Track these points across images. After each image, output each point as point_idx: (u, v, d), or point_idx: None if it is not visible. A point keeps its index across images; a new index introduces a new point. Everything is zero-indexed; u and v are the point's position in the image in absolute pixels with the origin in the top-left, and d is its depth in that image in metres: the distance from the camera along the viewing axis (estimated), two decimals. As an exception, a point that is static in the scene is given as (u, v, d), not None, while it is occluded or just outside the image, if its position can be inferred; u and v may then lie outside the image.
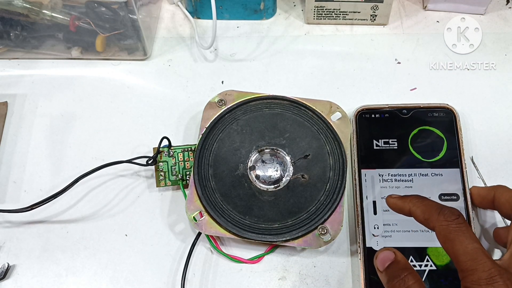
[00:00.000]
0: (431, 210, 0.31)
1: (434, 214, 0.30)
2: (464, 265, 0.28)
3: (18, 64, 0.50)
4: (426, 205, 0.32)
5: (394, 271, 0.31)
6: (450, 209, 0.30)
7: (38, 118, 0.47)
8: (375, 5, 0.48)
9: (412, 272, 0.30)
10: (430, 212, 0.31)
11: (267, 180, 0.40)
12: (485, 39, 0.49)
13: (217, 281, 0.39)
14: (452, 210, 0.30)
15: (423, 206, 0.32)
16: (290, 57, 0.49)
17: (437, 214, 0.30)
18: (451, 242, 0.29)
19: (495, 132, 0.44)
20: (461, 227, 0.29)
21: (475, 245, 0.28)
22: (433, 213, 0.30)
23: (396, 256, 0.31)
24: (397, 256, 0.31)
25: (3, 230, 0.41)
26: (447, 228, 0.29)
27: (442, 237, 0.30)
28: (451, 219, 0.30)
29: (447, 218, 0.30)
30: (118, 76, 0.49)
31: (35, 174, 0.44)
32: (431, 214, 0.31)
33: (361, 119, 0.43)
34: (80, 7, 0.45)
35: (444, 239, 0.29)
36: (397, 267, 0.31)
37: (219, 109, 0.43)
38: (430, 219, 0.31)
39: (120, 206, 0.42)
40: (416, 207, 0.32)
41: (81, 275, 0.39)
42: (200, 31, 0.51)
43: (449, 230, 0.29)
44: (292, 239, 0.38)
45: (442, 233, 0.30)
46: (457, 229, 0.29)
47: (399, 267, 0.31)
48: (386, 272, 0.31)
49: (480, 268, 0.27)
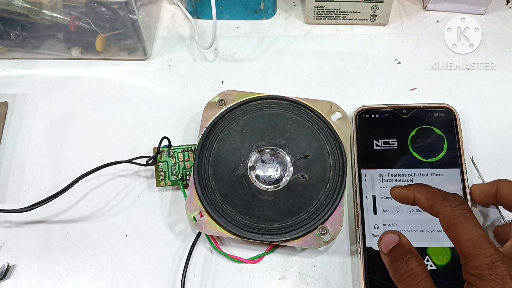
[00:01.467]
0: (435, 196, 0.31)
1: (438, 200, 0.30)
2: (466, 250, 0.28)
3: (18, 64, 0.50)
4: (430, 192, 0.32)
5: (398, 254, 0.31)
6: (454, 196, 0.30)
7: (38, 118, 0.47)
8: (375, 5, 0.48)
9: (415, 256, 0.30)
10: (434, 198, 0.31)
11: (267, 180, 0.40)
12: (485, 39, 0.49)
13: (217, 281, 0.39)
14: (456, 196, 0.30)
15: (427, 193, 0.32)
16: (290, 57, 0.49)
17: (441, 200, 0.30)
18: (454, 228, 0.29)
19: (495, 132, 0.44)
20: (465, 213, 0.29)
21: (478, 231, 0.28)
22: (437, 199, 0.31)
23: (400, 239, 0.31)
24: (401, 239, 0.31)
25: (3, 230, 0.41)
26: (450, 214, 0.29)
27: (446, 223, 0.30)
28: (455, 205, 0.30)
29: (451, 204, 0.30)
30: (118, 76, 0.49)
31: (35, 174, 0.44)
32: (435, 200, 0.31)
33: (361, 119, 0.43)
34: (80, 7, 0.45)
35: (448, 225, 0.30)
36: (401, 250, 0.31)
37: (219, 109, 0.43)
38: (434, 205, 0.31)
39: (120, 206, 0.42)
40: (420, 194, 0.32)
41: (81, 275, 0.39)
42: (200, 31, 0.51)
43: (452, 216, 0.29)
44: (292, 239, 0.38)
45: (445, 219, 0.30)
46: (461, 215, 0.29)
47: (403, 250, 0.31)
48: (390, 254, 0.31)
49: (482, 254, 0.27)
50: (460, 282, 0.36)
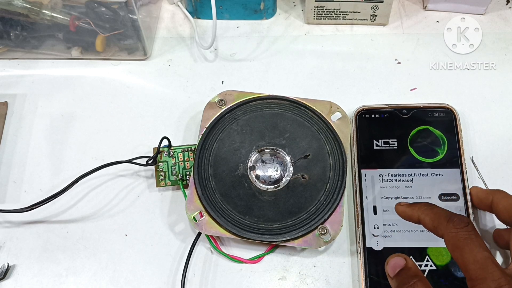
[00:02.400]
0: (440, 217, 0.30)
1: (443, 222, 0.30)
2: (473, 273, 0.28)
3: (18, 64, 0.50)
4: (435, 213, 0.31)
5: (404, 278, 0.30)
6: (459, 217, 0.30)
7: (38, 118, 0.47)
8: (375, 5, 0.48)
9: (421, 279, 0.30)
10: (439, 219, 0.30)
11: (267, 180, 0.40)
12: (485, 39, 0.49)
13: (217, 281, 0.39)
14: (461, 218, 0.30)
15: (432, 214, 0.31)
16: (290, 57, 0.49)
17: (446, 221, 0.30)
18: (460, 250, 0.29)
19: (495, 132, 0.44)
20: (471, 235, 0.29)
21: (484, 254, 0.28)
22: (442, 221, 0.30)
23: (406, 263, 0.31)
24: (407, 263, 0.31)
25: (3, 230, 0.41)
26: (456, 236, 0.29)
27: (451, 245, 0.29)
28: (460, 226, 0.29)
29: (456, 226, 0.29)
30: (118, 76, 0.49)
31: (35, 174, 0.44)
32: (440, 222, 0.30)
33: (361, 119, 0.43)
34: (80, 7, 0.45)
35: (453, 247, 0.29)
36: (407, 274, 0.31)
37: (219, 109, 0.43)
38: (439, 227, 0.30)
39: (120, 206, 0.42)
40: (425, 215, 0.32)
41: (81, 275, 0.39)
42: (200, 31, 0.51)
43: (458, 238, 0.29)
44: (292, 239, 0.38)
45: (451, 241, 0.29)
46: (467, 237, 0.29)
47: (409, 274, 0.30)
48: (396, 278, 0.31)
49: (490, 277, 0.27)
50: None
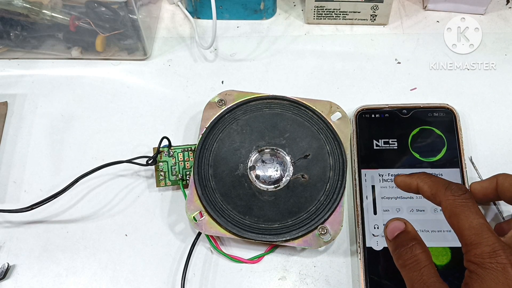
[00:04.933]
0: (438, 185, 0.31)
1: (441, 189, 0.31)
2: (468, 239, 0.28)
3: (18, 64, 0.50)
4: (433, 181, 0.32)
5: (402, 240, 0.31)
6: (457, 185, 0.31)
7: (38, 118, 0.47)
8: (375, 5, 0.48)
9: (420, 242, 0.30)
10: (438, 187, 0.31)
11: (267, 180, 0.40)
12: (485, 39, 0.49)
13: (217, 281, 0.39)
14: (459, 185, 0.31)
15: (430, 182, 0.32)
16: (290, 57, 0.49)
17: (444, 189, 0.31)
18: (456, 217, 0.29)
19: (495, 132, 0.44)
20: (468, 202, 0.29)
21: (480, 220, 0.29)
22: (440, 188, 0.31)
23: (406, 226, 0.31)
24: (407, 227, 0.31)
25: (3, 230, 0.41)
26: (453, 203, 0.30)
27: (448, 211, 0.30)
28: (458, 194, 0.30)
29: (454, 193, 0.30)
30: (118, 76, 0.49)
31: (35, 174, 0.44)
32: (438, 189, 0.31)
33: (361, 119, 0.43)
34: (80, 7, 0.45)
35: (450, 213, 0.30)
36: (406, 237, 0.31)
37: (219, 109, 0.43)
38: (437, 194, 0.31)
39: (120, 206, 0.42)
40: (423, 182, 0.32)
41: (81, 275, 0.39)
42: (200, 31, 0.51)
43: (455, 205, 0.30)
44: (292, 239, 0.38)
45: (448, 207, 0.30)
46: (463, 204, 0.29)
47: (408, 237, 0.31)
48: (395, 241, 0.31)
49: (484, 242, 0.28)
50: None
